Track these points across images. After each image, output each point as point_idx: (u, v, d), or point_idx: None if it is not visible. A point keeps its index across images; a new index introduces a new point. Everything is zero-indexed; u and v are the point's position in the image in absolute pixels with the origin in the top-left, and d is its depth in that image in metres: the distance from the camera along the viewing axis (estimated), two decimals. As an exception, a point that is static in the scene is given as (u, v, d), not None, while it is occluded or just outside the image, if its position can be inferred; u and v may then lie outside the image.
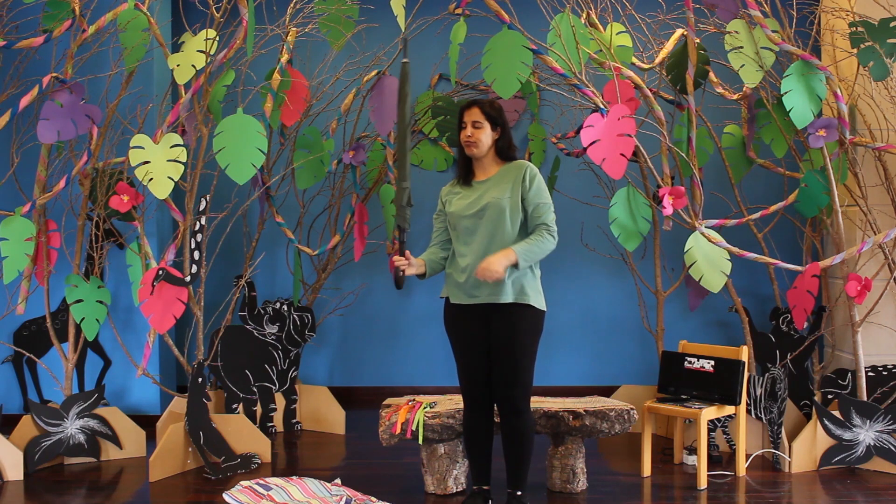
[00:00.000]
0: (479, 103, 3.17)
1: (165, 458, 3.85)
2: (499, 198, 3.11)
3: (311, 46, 4.82)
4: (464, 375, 3.22)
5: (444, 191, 3.31)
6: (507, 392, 3.10)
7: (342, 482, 3.65)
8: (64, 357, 4.11)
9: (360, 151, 4.62)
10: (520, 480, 3.22)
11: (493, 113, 3.16)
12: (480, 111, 3.15)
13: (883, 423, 3.85)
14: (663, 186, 3.93)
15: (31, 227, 3.93)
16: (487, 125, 3.15)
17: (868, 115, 4.14)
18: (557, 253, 3.28)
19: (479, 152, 3.17)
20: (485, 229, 3.12)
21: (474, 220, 3.14)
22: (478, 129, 3.14)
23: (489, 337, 3.14)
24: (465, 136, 3.16)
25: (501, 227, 3.11)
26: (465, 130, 3.16)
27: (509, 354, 3.08)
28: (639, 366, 5.27)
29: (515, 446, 3.16)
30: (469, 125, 3.15)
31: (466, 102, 3.21)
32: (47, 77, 3.80)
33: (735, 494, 3.61)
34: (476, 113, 3.15)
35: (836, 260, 3.90)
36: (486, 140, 3.16)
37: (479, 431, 3.26)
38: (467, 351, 3.19)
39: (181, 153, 3.76)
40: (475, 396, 3.22)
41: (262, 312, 4.56)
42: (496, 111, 3.17)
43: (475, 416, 3.24)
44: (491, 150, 3.20)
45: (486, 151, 3.18)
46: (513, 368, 3.08)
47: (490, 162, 3.22)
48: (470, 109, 3.17)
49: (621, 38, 4.07)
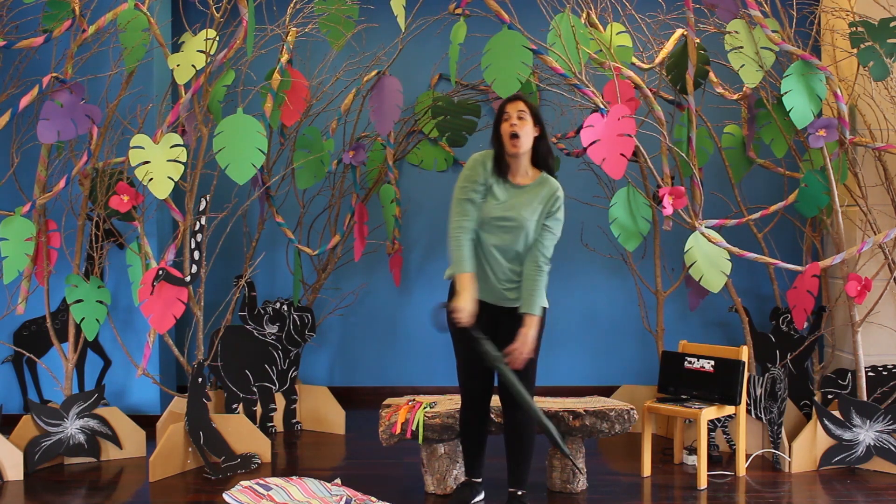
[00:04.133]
0: (521, 97, 3.12)
1: (165, 458, 3.85)
2: (527, 219, 3.08)
3: (311, 46, 4.82)
4: (465, 375, 3.23)
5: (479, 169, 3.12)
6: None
7: (342, 482, 3.65)
8: (64, 357, 4.11)
9: (360, 151, 4.62)
10: (521, 478, 3.23)
11: (536, 110, 3.12)
12: (525, 104, 3.09)
13: (883, 423, 3.85)
14: (663, 186, 3.93)
15: (31, 227, 3.92)
16: (531, 118, 3.08)
17: (868, 115, 4.14)
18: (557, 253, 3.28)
19: (523, 147, 3.06)
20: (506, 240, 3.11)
21: (500, 226, 3.11)
22: (522, 121, 3.05)
23: (496, 336, 3.13)
24: (509, 126, 3.05)
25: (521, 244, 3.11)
26: (510, 120, 3.06)
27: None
28: (639, 366, 5.27)
29: (517, 441, 3.17)
30: (514, 115, 3.06)
31: (509, 97, 3.14)
32: (47, 77, 3.80)
33: (735, 494, 3.61)
34: (521, 104, 3.08)
35: (836, 260, 3.90)
36: (529, 136, 3.08)
37: (475, 424, 3.28)
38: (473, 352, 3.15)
39: (181, 153, 3.76)
40: (474, 392, 3.24)
41: (262, 312, 4.56)
42: (538, 109, 3.13)
43: (472, 411, 3.27)
44: (528, 152, 3.12)
45: (528, 148, 3.10)
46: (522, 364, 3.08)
47: (527, 164, 3.15)
48: (514, 101, 3.10)
49: (621, 38, 4.07)
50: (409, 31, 4.48)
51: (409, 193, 5.26)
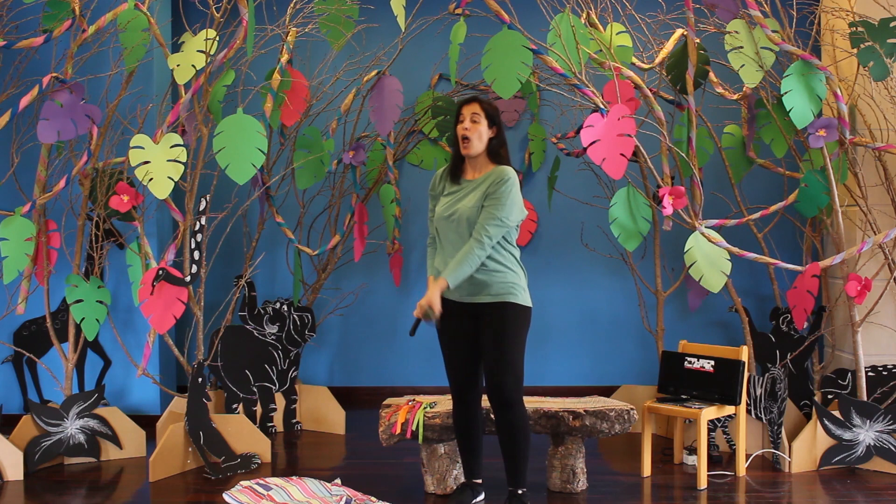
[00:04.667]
0: (478, 99, 3.21)
1: (165, 458, 3.85)
2: (464, 208, 3.14)
3: (311, 46, 4.82)
4: (450, 367, 3.30)
5: (434, 181, 3.33)
6: (499, 380, 3.11)
7: (342, 482, 3.65)
8: (64, 357, 4.11)
9: (360, 151, 4.62)
10: (519, 477, 3.23)
11: (492, 111, 3.20)
12: (480, 106, 3.18)
13: (883, 423, 3.85)
14: (663, 186, 3.93)
15: (31, 227, 3.92)
16: (485, 121, 3.18)
17: (868, 115, 4.14)
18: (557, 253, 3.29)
19: (473, 149, 3.18)
20: (457, 235, 3.16)
21: (447, 223, 3.19)
22: (475, 124, 3.16)
23: (477, 333, 3.20)
24: (461, 129, 3.18)
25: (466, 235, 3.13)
26: (463, 123, 3.18)
27: (498, 344, 3.12)
28: (639, 366, 5.27)
29: (510, 441, 3.17)
30: (467, 118, 3.17)
31: (465, 98, 3.23)
32: (47, 77, 3.80)
33: (735, 494, 3.61)
34: (475, 107, 3.18)
35: (836, 260, 3.90)
36: (483, 135, 3.18)
37: (468, 423, 3.30)
38: (453, 343, 3.26)
39: (181, 153, 3.76)
40: (461, 388, 3.28)
41: (262, 312, 4.56)
42: (494, 110, 3.21)
43: (462, 408, 3.30)
44: (484, 150, 3.22)
45: (480, 150, 3.20)
46: (502, 356, 3.11)
47: (482, 161, 3.24)
48: (469, 104, 3.20)
49: (621, 38, 4.07)
50: (409, 31, 4.48)
51: (409, 193, 5.26)
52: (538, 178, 5.27)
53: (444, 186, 3.29)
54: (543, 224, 5.28)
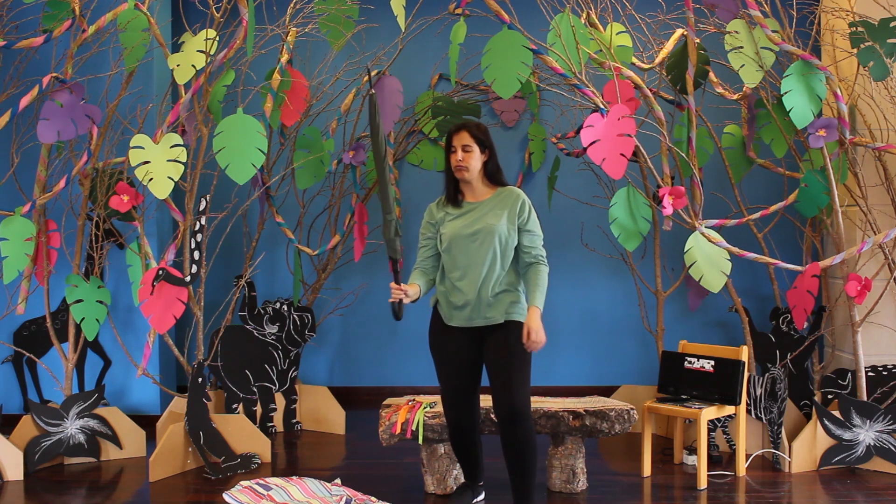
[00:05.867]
0: (466, 127, 3.20)
1: (165, 458, 3.85)
2: (494, 224, 3.13)
3: (311, 46, 4.82)
4: (447, 386, 3.24)
5: (432, 210, 3.30)
6: (510, 397, 3.06)
7: (342, 482, 3.65)
8: (64, 357, 4.11)
9: (360, 151, 4.62)
10: (527, 494, 3.16)
11: (481, 135, 3.19)
12: (469, 135, 3.17)
13: (883, 423, 3.85)
14: (663, 186, 3.93)
15: (31, 227, 3.93)
16: (477, 148, 3.17)
17: (868, 115, 4.14)
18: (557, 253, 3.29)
19: (469, 176, 3.18)
20: (479, 253, 3.14)
21: (468, 242, 3.15)
22: (468, 154, 3.16)
23: (482, 355, 3.19)
24: (455, 161, 3.17)
25: (494, 253, 3.13)
26: (456, 155, 3.17)
27: (507, 363, 3.10)
28: (639, 366, 5.27)
29: (519, 458, 3.12)
30: (459, 149, 3.16)
31: (453, 126, 3.23)
32: (47, 77, 3.80)
33: (735, 494, 3.62)
34: (465, 136, 3.17)
35: (836, 260, 3.90)
36: (476, 163, 3.18)
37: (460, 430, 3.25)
38: (453, 367, 3.22)
39: (181, 153, 3.76)
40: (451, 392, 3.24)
41: (262, 312, 4.56)
42: (483, 133, 3.20)
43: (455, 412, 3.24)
44: (480, 173, 3.21)
45: (476, 175, 3.20)
46: (512, 375, 3.08)
47: (479, 185, 3.24)
48: (458, 133, 3.19)
49: (621, 38, 4.07)
50: (409, 31, 4.48)
51: (409, 193, 5.26)
52: (538, 178, 5.27)
53: (445, 213, 3.25)
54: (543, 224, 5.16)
